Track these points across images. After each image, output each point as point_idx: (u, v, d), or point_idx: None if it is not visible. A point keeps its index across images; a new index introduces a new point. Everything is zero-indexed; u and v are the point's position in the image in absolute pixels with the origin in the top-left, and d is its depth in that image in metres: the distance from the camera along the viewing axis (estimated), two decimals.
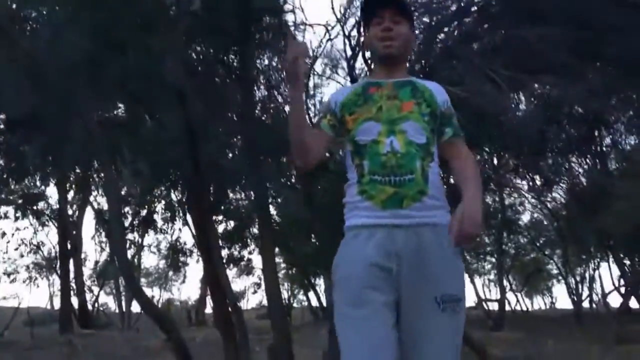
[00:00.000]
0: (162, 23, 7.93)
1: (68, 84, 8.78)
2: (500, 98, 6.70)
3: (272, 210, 16.65)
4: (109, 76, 8.81)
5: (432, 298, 2.41)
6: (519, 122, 7.26)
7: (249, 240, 20.45)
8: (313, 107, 11.93)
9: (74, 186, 17.78)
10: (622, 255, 24.23)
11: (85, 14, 8.23)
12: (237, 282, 36.04)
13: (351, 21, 10.13)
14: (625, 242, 19.18)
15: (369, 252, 2.43)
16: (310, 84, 10.97)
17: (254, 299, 79.33)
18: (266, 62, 9.85)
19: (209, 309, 30.98)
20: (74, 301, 24.30)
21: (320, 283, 28.06)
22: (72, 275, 24.30)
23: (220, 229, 17.26)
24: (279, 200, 17.69)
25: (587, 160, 17.70)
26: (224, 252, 17.79)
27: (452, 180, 2.76)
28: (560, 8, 7.35)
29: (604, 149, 17.07)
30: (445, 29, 8.47)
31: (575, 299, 31.85)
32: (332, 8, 9.63)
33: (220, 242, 13.42)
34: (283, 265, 27.14)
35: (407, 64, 2.98)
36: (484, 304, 30.64)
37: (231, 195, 15.76)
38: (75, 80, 8.83)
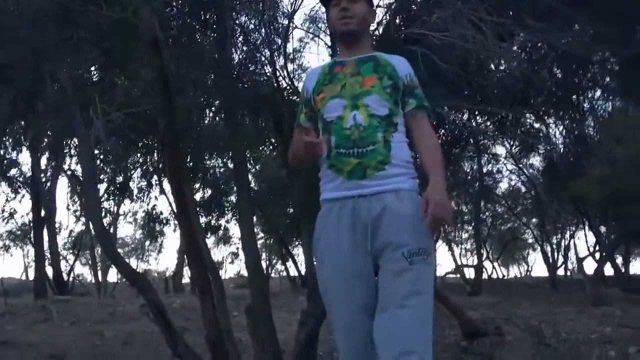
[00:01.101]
0: None
1: (35, 35, 8.43)
2: (484, 43, 6.52)
3: (250, 177, 16.52)
4: (79, 27, 8.47)
5: (399, 254, 2.59)
6: (502, 69, 7.13)
7: (226, 209, 20.33)
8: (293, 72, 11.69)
9: (47, 151, 17.39)
10: (597, 221, 24.48)
11: None
12: (215, 253, 35.89)
13: None
14: (601, 206, 19.36)
15: (343, 229, 2.65)
16: (290, 48, 10.74)
17: (231, 269, 79.71)
18: (244, 18, 9.48)
19: (186, 279, 30.85)
20: (49, 270, 23.97)
21: (298, 252, 28.05)
22: (46, 244, 23.95)
23: (198, 197, 17.09)
24: (257, 166, 17.54)
25: (565, 125, 17.71)
26: (202, 220, 17.62)
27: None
28: None
29: (582, 112, 17.08)
30: None
31: (551, 266, 32.30)
32: None
33: (197, 210, 13.24)
34: (261, 234, 27.08)
35: (371, 40, 3.29)
36: (461, 270, 30.92)
37: (209, 162, 15.53)
38: (43, 31, 8.48)
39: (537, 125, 14.72)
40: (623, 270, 29.01)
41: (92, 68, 9.85)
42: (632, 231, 20.89)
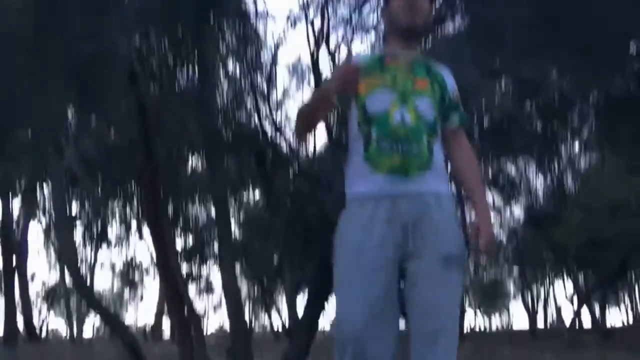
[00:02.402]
0: (114, 3, 7.49)
1: (7, 71, 8.25)
2: (467, 76, 6.50)
3: (233, 223, 16.29)
4: (54, 62, 8.30)
5: (436, 257, 2.48)
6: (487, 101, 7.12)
7: (207, 258, 20.01)
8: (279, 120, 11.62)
9: (18, 194, 17.00)
10: (576, 269, 24.71)
11: None
12: (197, 302, 35.17)
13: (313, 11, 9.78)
14: (578, 254, 19.59)
15: (375, 230, 2.49)
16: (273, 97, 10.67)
17: (213, 323, 78.28)
18: (225, 50, 9.41)
19: (167, 331, 30.08)
20: (20, 320, 23.17)
21: (282, 300, 27.65)
22: (17, 293, 23.19)
23: (179, 245, 16.81)
24: (240, 212, 17.34)
25: (545, 177, 18.04)
26: (183, 268, 17.28)
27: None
28: None
29: (561, 163, 17.37)
30: None
31: (531, 315, 32.41)
32: None
33: (178, 256, 12.99)
34: (244, 282, 26.65)
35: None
36: None
37: (190, 208, 15.32)
38: (16, 67, 8.30)
39: (517, 179, 14.96)
40: (600, 317, 29.20)
41: (67, 104, 9.61)
42: (607, 277, 21.12)
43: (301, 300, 23.65)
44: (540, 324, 36.40)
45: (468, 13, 8.23)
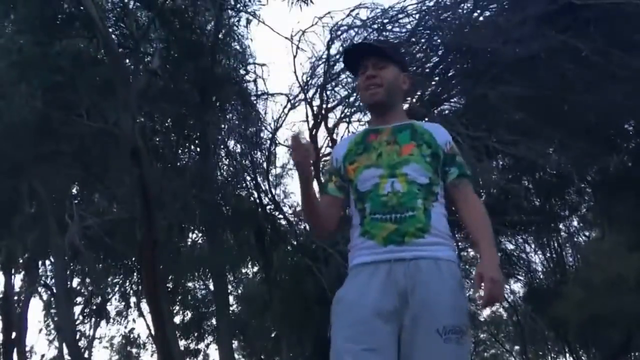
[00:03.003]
0: (118, 82, 7.72)
1: (13, 149, 8.43)
2: (463, 155, 6.60)
3: (232, 299, 16.16)
4: (60, 138, 8.50)
5: (434, 330, 2.36)
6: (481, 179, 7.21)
7: (206, 333, 19.71)
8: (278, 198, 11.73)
9: (21, 270, 16.95)
10: (578, 347, 24.22)
11: (35, 74, 8.01)
12: None
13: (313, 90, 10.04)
14: (580, 331, 19.26)
15: (372, 288, 2.43)
16: (273, 173, 10.87)
17: None
18: (226, 128, 9.63)
19: None
20: None
21: None
22: None
23: (177, 320, 16.60)
24: (239, 289, 17.20)
25: (544, 253, 18.02)
26: (181, 344, 17.01)
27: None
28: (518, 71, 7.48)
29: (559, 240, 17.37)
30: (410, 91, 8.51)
31: None
32: (295, 75, 9.50)
33: (176, 332, 12.84)
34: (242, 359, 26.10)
35: (404, 107, 3.09)
36: None
37: (189, 283, 15.23)
38: (24, 144, 8.49)
39: (516, 253, 14.92)
40: None
41: (72, 180, 9.77)
42: (610, 356, 20.65)
43: None
44: None
45: (465, 92, 8.44)
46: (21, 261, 15.87)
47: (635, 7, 7.05)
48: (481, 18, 8.60)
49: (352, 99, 9.02)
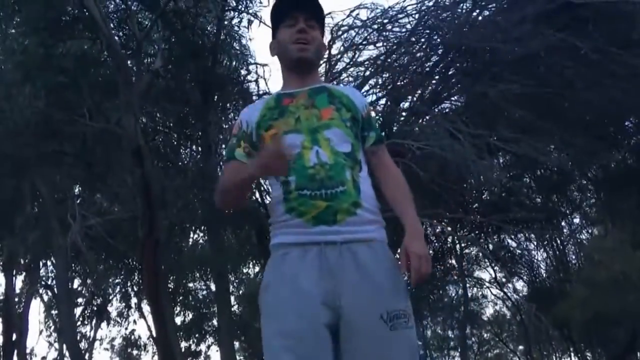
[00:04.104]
0: (121, 83, 7.77)
1: (16, 149, 8.48)
2: (462, 151, 6.67)
3: (233, 300, 16.18)
4: (63, 138, 8.55)
5: (377, 316, 2.20)
6: (480, 174, 7.25)
7: (207, 334, 19.71)
8: None
9: (22, 272, 16.99)
10: (582, 347, 24.15)
11: (39, 75, 8.07)
12: None
13: None
14: (584, 329, 19.21)
15: (302, 275, 2.22)
16: None
17: None
18: (227, 129, 9.68)
19: None
20: None
21: None
22: None
23: (178, 321, 16.62)
24: (240, 289, 17.21)
25: (547, 251, 17.98)
26: (182, 345, 17.05)
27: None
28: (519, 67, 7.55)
29: (562, 238, 17.35)
30: (411, 89, 8.61)
31: None
32: None
33: (178, 334, 12.87)
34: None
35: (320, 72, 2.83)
36: None
37: (190, 284, 15.25)
38: (27, 144, 8.54)
39: (519, 251, 14.93)
40: None
41: (74, 180, 9.82)
42: (615, 356, 20.59)
43: None
44: None
45: (465, 90, 8.51)
46: (22, 262, 15.92)
47: (632, 6, 7.13)
48: (480, 17, 8.68)
49: None
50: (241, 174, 2.34)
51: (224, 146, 10.01)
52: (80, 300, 18.25)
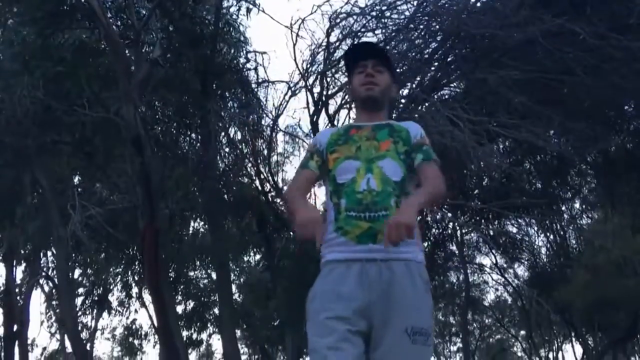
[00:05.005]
0: (120, 72, 7.75)
1: (16, 140, 8.47)
2: (462, 137, 6.68)
3: (234, 288, 16.22)
4: (62, 128, 8.54)
5: (402, 329, 2.47)
6: (481, 160, 7.26)
7: (208, 323, 19.77)
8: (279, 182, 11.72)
9: (22, 262, 17.02)
10: (584, 331, 24.21)
11: (37, 65, 8.05)
12: None
13: (314, 77, 10.07)
14: (586, 315, 19.28)
15: (344, 287, 2.52)
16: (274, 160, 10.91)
17: None
18: (226, 117, 9.67)
19: None
20: None
21: None
22: None
23: (180, 309, 16.66)
24: (241, 278, 17.25)
25: (547, 236, 17.97)
26: (184, 334, 17.09)
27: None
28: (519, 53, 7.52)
29: (563, 224, 17.36)
30: (409, 76, 8.59)
31: None
32: (296, 62, 9.54)
33: (179, 323, 12.91)
34: (245, 350, 26.22)
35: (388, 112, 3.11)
36: None
37: (191, 273, 15.28)
38: (26, 134, 8.53)
39: (519, 237, 14.92)
40: None
41: (74, 171, 9.82)
42: (617, 339, 20.66)
43: None
44: None
45: (464, 77, 8.50)
46: (23, 252, 15.94)
47: None
48: (479, 4, 8.66)
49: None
50: (296, 203, 2.63)
51: (223, 134, 10.00)
52: (81, 290, 18.27)
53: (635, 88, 7.71)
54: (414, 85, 8.99)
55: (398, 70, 8.76)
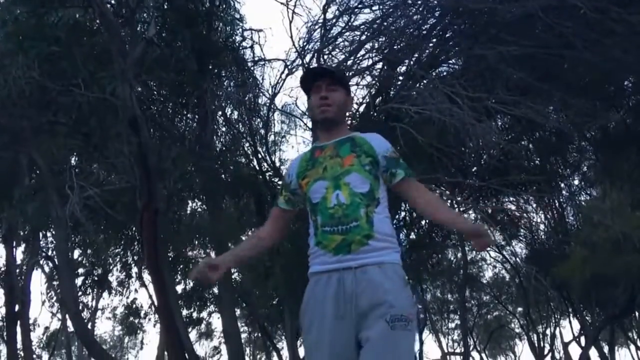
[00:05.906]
0: (115, 52, 7.66)
1: (12, 120, 8.41)
2: (460, 114, 6.64)
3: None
4: (58, 108, 8.47)
5: (383, 319, 2.66)
6: (479, 136, 7.22)
7: (208, 302, 19.84)
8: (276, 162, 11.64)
9: (22, 242, 17.02)
10: (581, 307, 24.33)
11: (31, 44, 7.96)
12: (196, 349, 34.58)
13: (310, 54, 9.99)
14: (584, 292, 19.36)
15: (328, 298, 2.76)
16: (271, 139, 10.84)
17: None
18: (223, 96, 9.59)
19: None
20: None
21: (283, 346, 27.23)
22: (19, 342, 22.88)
23: (179, 289, 16.70)
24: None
25: (546, 213, 17.95)
26: (183, 313, 17.16)
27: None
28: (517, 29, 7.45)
29: (561, 200, 17.33)
30: (407, 52, 8.52)
31: (538, 356, 31.66)
32: (292, 40, 9.47)
33: (179, 302, 12.93)
34: (244, 329, 26.31)
35: (348, 123, 3.59)
36: (448, 358, 30.17)
37: (190, 252, 15.29)
38: (22, 115, 8.47)
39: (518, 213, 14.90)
40: (609, 356, 28.51)
41: (71, 151, 9.76)
42: (614, 316, 20.79)
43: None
44: None
45: (462, 53, 8.43)
46: (22, 233, 15.94)
47: None
48: None
49: (349, 62, 8.99)
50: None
51: (220, 114, 9.93)
52: (81, 270, 18.32)
53: (636, 62, 7.65)
54: (412, 62, 8.94)
55: (396, 47, 8.70)
